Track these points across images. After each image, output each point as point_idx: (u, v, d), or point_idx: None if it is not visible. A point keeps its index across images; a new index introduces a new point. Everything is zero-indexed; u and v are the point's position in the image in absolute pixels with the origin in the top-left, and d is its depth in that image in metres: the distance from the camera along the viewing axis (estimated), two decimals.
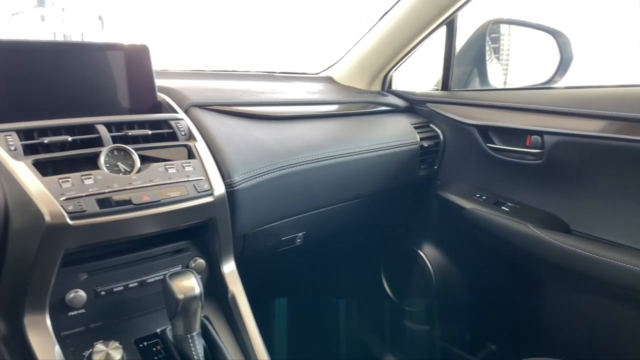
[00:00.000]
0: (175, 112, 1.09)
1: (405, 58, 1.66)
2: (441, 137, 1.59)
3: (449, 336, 1.69)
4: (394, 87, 1.78)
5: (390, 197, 1.58)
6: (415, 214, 1.72)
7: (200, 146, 1.02)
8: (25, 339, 0.79)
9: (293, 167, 1.17)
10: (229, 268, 1.02)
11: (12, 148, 0.83)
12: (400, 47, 1.63)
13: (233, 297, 0.99)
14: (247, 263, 1.12)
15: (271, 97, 1.35)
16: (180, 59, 1.55)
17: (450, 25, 1.58)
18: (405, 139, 1.50)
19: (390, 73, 1.73)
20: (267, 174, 1.10)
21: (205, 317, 0.95)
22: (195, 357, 0.83)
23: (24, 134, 0.87)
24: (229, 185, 1.01)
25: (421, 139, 1.54)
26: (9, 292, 0.82)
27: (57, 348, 0.79)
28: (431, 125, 1.61)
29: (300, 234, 1.33)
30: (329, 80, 1.76)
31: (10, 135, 0.85)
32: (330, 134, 1.35)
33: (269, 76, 1.63)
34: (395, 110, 1.63)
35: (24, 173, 0.80)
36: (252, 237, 1.16)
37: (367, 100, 1.61)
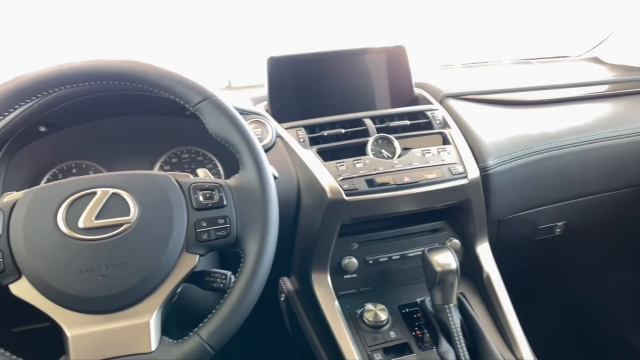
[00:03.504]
0: (431, 103, 1.17)
1: None
2: None
3: None
4: None
5: None
6: None
7: (455, 133, 1.08)
8: (313, 293, 0.97)
9: (552, 151, 1.13)
10: (484, 250, 1.05)
11: (302, 140, 1.03)
12: None
13: (488, 277, 1.02)
14: (501, 249, 1.13)
15: (526, 83, 1.32)
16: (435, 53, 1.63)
17: None
18: None
19: None
20: (523, 158, 1.10)
21: (461, 293, 1.01)
22: (453, 326, 0.89)
23: (309, 128, 1.06)
24: (483, 169, 1.04)
25: None
26: (301, 255, 1.01)
27: (337, 303, 0.96)
28: None
29: (560, 224, 1.27)
30: (595, 60, 1.61)
31: (300, 130, 1.05)
32: (597, 115, 1.25)
33: (524, 63, 1.58)
34: None
35: (311, 159, 0.99)
36: (506, 223, 1.17)
37: None
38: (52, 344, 0.66)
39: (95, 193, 0.67)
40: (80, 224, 0.65)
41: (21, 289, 0.63)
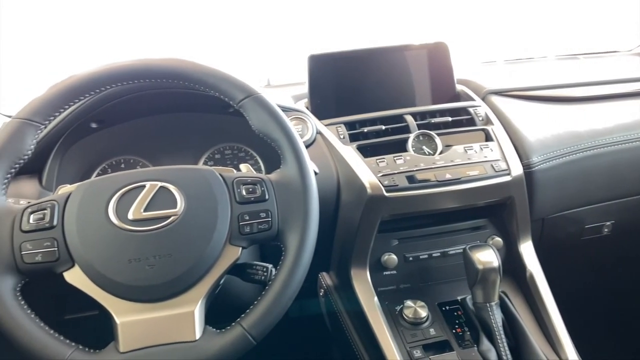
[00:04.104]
0: (473, 100, 1.16)
1: None
2: None
3: None
4: None
5: None
6: None
7: (498, 129, 1.06)
8: (352, 288, 0.97)
9: (600, 148, 1.10)
10: (527, 248, 1.03)
11: (342, 136, 1.04)
12: None
13: (531, 276, 0.99)
14: (545, 248, 1.10)
15: (572, 79, 1.29)
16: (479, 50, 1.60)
17: None
18: None
19: None
20: (569, 155, 1.07)
21: (503, 292, 0.99)
22: (494, 325, 0.87)
23: (349, 125, 1.07)
24: (526, 166, 1.02)
25: None
26: (340, 250, 1.02)
27: (376, 299, 0.96)
28: None
29: (608, 223, 1.23)
30: None
31: (340, 126, 1.06)
32: None
33: (571, 58, 1.54)
34: None
35: (351, 156, 0.99)
36: (551, 222, 1.14)
37: None
38: (100, 331, 0.69)
39: (144, 186, 0.70)
40: (130, 216, 0.67)
41: (74, 276, 0.66)
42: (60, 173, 0.98)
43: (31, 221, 0.66)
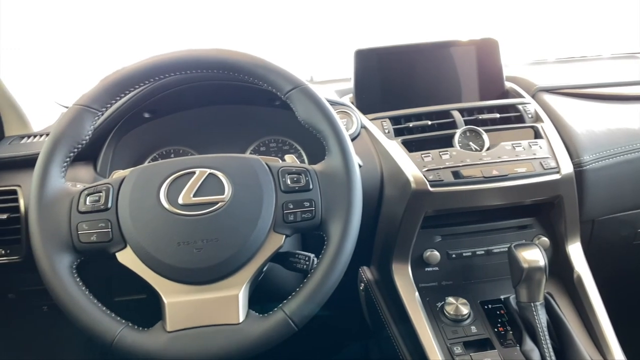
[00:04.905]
0: (523, 97, 1.13)
1: None
2: None
3: None
4: None
5: None
6: None
7: (548, 127, 1.04)
8: (393, 283, 0.97)
9: None
10: (575, 250, 1.00)
11: (387, 131, 1.04)
12: None
13: (579, 278, 0.97)
14: (595, 251, 1.07)
15: (628, 77, 1.24)
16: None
17: None
18: None
19: None
20: (623, 155, 1.03)
21: (549, 293, 0.97)
22: (538, 325, 0.85)
23: (394, 120, 1.06)
24: (577, 165, 0.99)
25: None
26: (382, 244, 1.02)
27: (417, 294, 0.95)
28: None
29: None
30: None
31: (385, 121, 1.06)
32: None
33: (627, 57, 1.48)
34: None
35: (395, 150, 0.99)
36: (602, 224, 1.10)
37: None
38: (146, 314, 0.72)
39: (194, 172, 0.72)
40: (180, 200, 0.70)
41: (126, 257, 0.69)
42: (113, 160, 1.02)
43: (87, 203, 0.70)
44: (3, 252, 0.93)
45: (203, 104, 1.11)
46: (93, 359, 1.32)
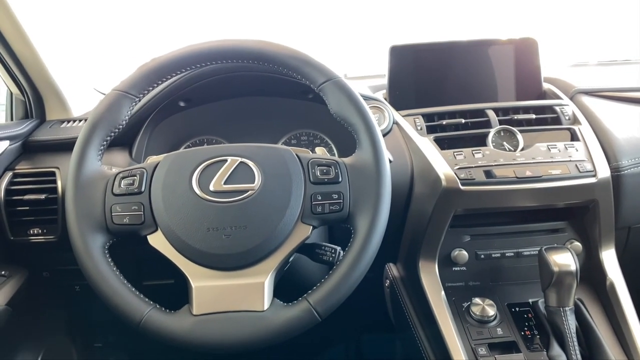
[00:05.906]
0: (560, 99, 1.11)
1: None
2: None
3: None
4: None
5: None
6: None
7: (585, 130, 1.01)
8: (419, 281, 0.97)
9: None
10: (609, 256, 0.98)
11: (419, 128, 1.03)
12: None
13: (612, 285, 0.94)
14: (630, 259, 1.04)
15: None
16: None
17: None
18: None
19: None
20: None
21: (579, 299, 0.94)
22: (567, 331, 0.83)
23: (427, 117, 1.05)
24: (614, 169, 0.97)
25: None
26: (409, 242, 1.01)
27: (443, 293, 0.94)
28: None
29: None
30: None
31: (417, 118, 1.05)
32: None
33: None
34: None
35: (427, 147, 0.98)
36: (638, 231, 1.07)
37: None
38: (173, 299, 0.73)
39: (225, 160, 0.73)
40: (211, 187, 0.71)
41: (157, 240, 0.71)
42: (148, 147, 1.05)
43: (122, 185, 0.72)
44: (40, 231, 0.97)
45: (237, 94, 1.12)
46: (118, 342, 1.36)
